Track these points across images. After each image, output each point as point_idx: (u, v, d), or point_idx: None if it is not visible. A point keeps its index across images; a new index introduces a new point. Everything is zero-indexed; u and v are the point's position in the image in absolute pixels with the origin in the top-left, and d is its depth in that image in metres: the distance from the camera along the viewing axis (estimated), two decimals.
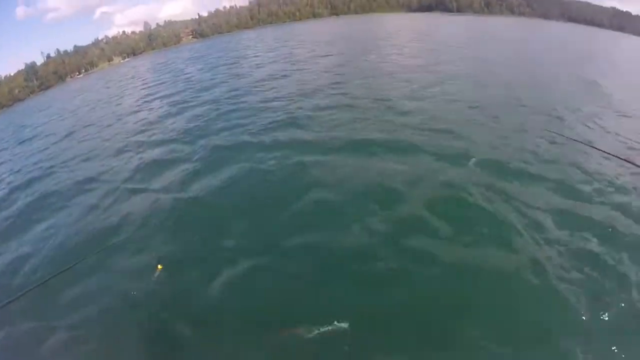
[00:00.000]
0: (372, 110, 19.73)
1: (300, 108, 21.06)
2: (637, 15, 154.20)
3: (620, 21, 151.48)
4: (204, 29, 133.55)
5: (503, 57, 37.70)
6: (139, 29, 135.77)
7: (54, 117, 41.22)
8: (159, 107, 28.54)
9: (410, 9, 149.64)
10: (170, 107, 27.22)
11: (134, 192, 14.46)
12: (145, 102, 32.12)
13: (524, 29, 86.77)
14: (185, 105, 26.79)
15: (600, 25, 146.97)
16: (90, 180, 16.72)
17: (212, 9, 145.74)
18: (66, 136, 27.43)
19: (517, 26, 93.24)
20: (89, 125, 28.75)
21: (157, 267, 9.53)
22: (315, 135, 16.88)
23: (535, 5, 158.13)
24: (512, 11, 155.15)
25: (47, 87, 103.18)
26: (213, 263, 9.44)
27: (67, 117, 37.85)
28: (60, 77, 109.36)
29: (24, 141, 31.44)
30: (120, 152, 19.74)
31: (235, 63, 45.85)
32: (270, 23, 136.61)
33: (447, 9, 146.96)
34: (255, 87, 28.66)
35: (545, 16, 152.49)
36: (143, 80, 49.39)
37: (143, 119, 25.93)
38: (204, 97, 28.06)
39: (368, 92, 23.05)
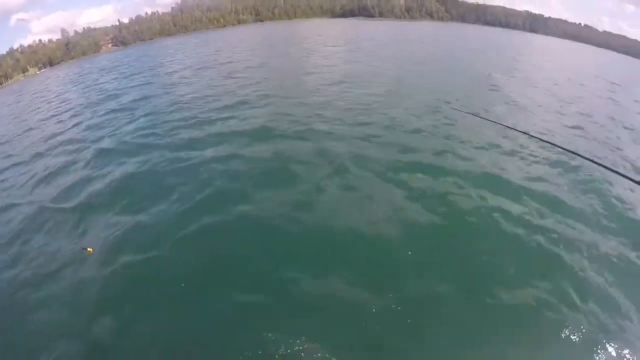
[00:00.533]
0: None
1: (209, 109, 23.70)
2: (550, 17, 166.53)
3: (533, 23, 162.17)
4: (125, 36, 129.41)
5: (411, 55, 44.19)
6: (56, 37, 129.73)
7: None
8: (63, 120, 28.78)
9: (334, 14, 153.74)
10: (75, 119, 27.82)
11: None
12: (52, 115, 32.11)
13: (438, 32, 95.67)
14: (89, 115, 27.73)
15: (514, 27, 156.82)
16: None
17: (134, 16, 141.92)
18: None
19: (432, 30, 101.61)
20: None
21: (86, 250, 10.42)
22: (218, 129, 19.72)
23: (453, 10, 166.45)
24: (431, 16, 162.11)
25: None
26: None
27: None
28: None
29: None
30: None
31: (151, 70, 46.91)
32: (194, 30, 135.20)
33: (369, 15, 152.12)
34: (167, 92, 30.41)
35: (463, 20, 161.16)
36: (54, 93, 48.08)
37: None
38: (111, 106, 29.14)
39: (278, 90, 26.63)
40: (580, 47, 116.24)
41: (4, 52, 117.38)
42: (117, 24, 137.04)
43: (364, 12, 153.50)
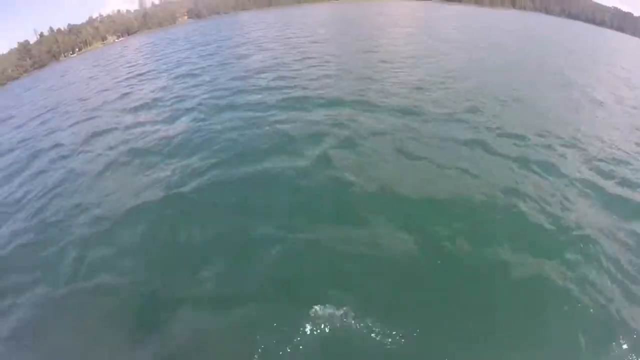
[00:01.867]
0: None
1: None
2: (639, 17, 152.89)
3: (620, 21, 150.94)
4: (201, 9, 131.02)
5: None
6: (134, 7, 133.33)
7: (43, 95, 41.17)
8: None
9: None
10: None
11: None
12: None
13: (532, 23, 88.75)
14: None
15: (600, 24, 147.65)
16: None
17: None
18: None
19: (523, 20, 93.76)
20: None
21: None
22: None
23: (537, 0, 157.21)
24: (513, 4, 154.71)
25: (41, 66, 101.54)
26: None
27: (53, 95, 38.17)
28: (54, 56, 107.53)
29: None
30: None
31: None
32: (269, 5, 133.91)
33: None
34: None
35: (546, 11, 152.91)
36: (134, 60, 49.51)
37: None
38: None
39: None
40: None
41: (84, 21, 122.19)
42: None
43: None
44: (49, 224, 11.80)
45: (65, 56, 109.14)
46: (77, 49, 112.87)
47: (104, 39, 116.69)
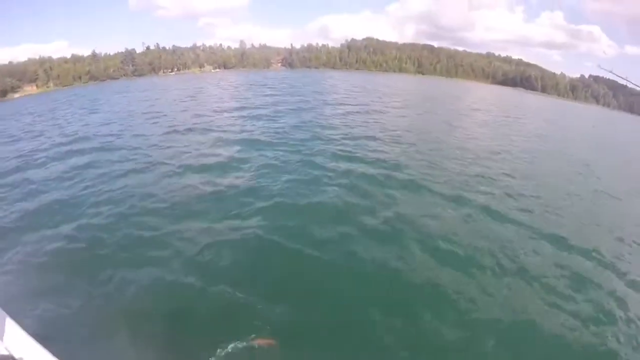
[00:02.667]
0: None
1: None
2: None
3: None
4: (294, 59, 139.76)
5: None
6: (235, 45, 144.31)
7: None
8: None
9: (495, 80, 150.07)
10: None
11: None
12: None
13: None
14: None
15: None
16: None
17: (305, 43, 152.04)
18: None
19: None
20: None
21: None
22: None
23: (622, 97, 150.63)
24: (597, 100, 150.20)
25: (140, 75, 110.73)
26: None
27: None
28: (154, 69, 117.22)
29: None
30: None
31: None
32: (357, 69, 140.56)
33: (531, 87, 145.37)
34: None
35: (631, 110, 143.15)
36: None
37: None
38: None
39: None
40: None
41: (188, 46, 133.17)
42: (290, 47, 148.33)
43: (525, 84, 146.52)
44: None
45: (163, 72, 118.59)
46: (175, 69, 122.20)
47: (201, 66, 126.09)
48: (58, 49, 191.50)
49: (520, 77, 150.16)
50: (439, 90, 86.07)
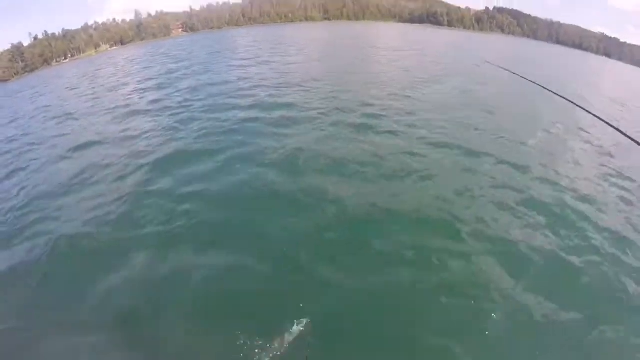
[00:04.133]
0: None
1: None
2: (625, 43, 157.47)
3: (607, 47, 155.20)
4: (195, 23, 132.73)
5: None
6: (130, 17, 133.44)
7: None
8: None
9: (402, 19, 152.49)
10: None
11: None
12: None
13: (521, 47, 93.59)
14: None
15: (587, 49, 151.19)
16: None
17: (205, 4, 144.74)
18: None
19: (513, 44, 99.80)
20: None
21: None
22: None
23: (525, 25, 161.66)
24: (502, 29, 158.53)
25: (32, 70, 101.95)
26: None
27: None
28: (46, 61, 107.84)
29: None
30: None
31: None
32: (262, 23, 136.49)
33: (437, 23, 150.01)
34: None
35: (535, 37, 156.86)
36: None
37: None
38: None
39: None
40: None
41: (79, 27, 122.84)
42: (189, 10, 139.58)
43: (432, 20, 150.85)
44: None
45: (57, 61, 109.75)
46: (69, 55, 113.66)
47: (97, 46, 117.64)
48: None
49: (426, 14, 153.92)
50: (337, 34, 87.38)
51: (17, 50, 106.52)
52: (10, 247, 11.22)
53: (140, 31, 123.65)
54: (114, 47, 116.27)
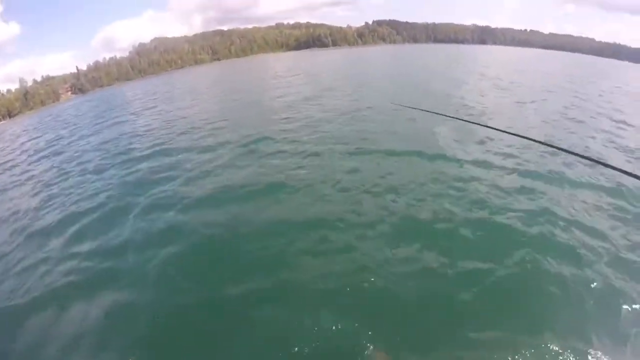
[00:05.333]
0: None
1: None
2: (497, 28, 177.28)
3: (481, 35, 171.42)
4: (84, 83, 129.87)
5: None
6: (15, 86, 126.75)
7: None
8: None
9: (289, 47, 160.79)
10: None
11: None
12: None
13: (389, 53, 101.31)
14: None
15: (464, 41, 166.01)
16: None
17: (91, 62, 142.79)
18: None
19: (384, 51, 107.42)
20: None
21: None
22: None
23: (404, 32, 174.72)
24: (383, 40, 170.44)
25: None
26: None
27: None
28: None
29: None
30: None
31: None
32: (153, 73, 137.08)
33: (323, 45, 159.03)
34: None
35: (415, 41, 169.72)
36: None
37: None
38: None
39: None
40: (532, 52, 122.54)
41: None
42: (76, 71, 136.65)
43: (317, 43, 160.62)
44: None
45: None
46: None
47: None
48: None
49: (311, 38, 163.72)
50: (225, 71, 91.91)
51: None
52: None
53: (27, 100, 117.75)
54: (2, 122, 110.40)
